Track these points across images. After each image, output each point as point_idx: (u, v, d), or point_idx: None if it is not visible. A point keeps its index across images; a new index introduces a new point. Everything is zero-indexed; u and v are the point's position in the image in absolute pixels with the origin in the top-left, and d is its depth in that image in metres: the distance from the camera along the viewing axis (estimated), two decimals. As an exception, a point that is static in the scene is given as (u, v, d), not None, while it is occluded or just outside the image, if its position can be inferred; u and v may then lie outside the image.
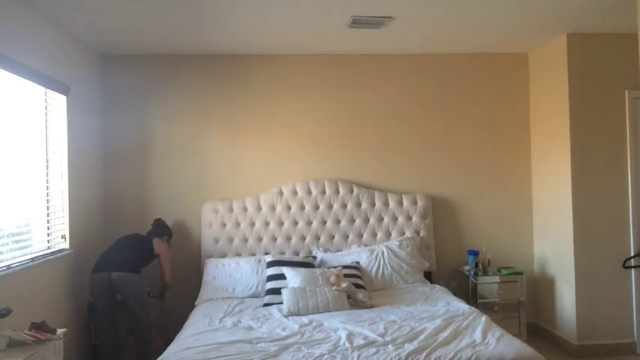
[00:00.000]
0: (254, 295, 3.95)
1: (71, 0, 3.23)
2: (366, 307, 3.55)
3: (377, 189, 4.66)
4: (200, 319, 3.40)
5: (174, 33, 3.98)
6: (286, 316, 3.40)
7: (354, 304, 3.62)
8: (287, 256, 4.21)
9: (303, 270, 3.88)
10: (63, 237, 3.77)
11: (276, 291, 3.73)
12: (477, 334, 2.90)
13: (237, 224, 4.47)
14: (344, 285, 3.68)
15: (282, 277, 3.86)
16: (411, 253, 4.32)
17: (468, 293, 4.34)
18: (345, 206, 4.55)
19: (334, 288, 3.64)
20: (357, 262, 4.21)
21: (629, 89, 4.22)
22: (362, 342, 2.82)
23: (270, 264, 4.01)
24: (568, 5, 3.56)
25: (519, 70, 4.85)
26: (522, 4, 3.53)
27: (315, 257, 4.29)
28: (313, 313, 3.42)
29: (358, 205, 4.56)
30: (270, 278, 3.90)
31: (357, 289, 3.74)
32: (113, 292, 3.74)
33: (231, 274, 4.10)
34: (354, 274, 3.98)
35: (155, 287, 4.13)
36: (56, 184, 3.74)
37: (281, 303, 3.58)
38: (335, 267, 4.02)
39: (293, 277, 3.80)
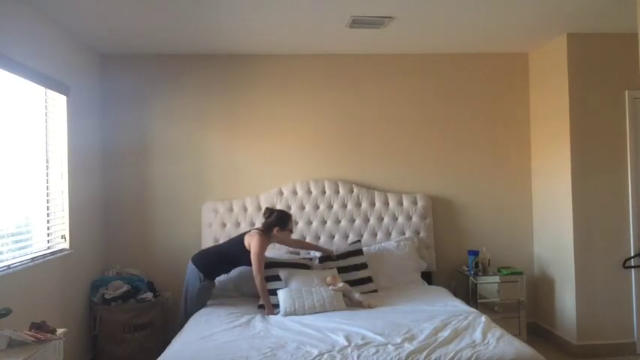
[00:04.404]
0: (253, 295, 3.95)
1: (71, 0, 3.23)
2: (363, 307, 3.55)
3: (377, 189, 4.66)
4: (199, 318, 3.40)
5: (175, 33, 3.98)
6: (283, 317, 3.40)
7: (351, 304, 3.62)
8: (284, 257, 4.18)
9: (299, 271, 3.87)
10: (63, 237, 3.77)
11: (272, 292, 3.70)
12: (477, 334, 2.90)
13: (238, 224, 4.46)
14: (340, 285, 3.68)
15: (278, 278, 3.84)
16: (408, 253, 4.32)
17: (468, 293, 4.34)
18: (345, 206, 4.55)
19: (330, 288, 3.64)
20: (359, 241, 4.38)
21: (629, 89, 4.22)
22: (360, 342, 2.82)
23: (267, 265, 3.99)
24: (568, 5, 3.56)
25: (519, 70, 4.84)
26: (522, 4, 3.52)
27: (315, 257, 4.28)
28: (310, 313, 3.42)
29: (358, 205, 4.56)
30: (268, 279, 3.88)
31: (353, 289, 3.74)
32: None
33: (230, 273, 4.09)
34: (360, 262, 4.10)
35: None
36: (56, 184, 3.74)
37: (277, 304, 3.57)
38: (331, 268, 4.01)
39: (289, 278, 3.79)
